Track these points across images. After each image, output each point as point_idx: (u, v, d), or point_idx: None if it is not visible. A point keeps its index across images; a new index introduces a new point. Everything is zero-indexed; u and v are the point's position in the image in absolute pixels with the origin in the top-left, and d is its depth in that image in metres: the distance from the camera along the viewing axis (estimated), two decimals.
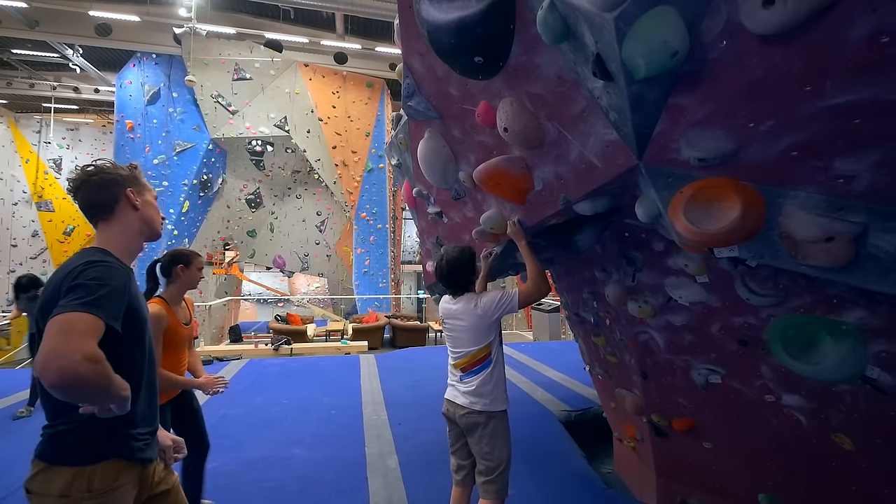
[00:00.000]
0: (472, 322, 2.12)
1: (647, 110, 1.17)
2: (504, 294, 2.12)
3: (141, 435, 1.21)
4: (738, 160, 1.17)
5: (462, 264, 2.13)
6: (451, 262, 2.13)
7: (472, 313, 2.10)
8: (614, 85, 1.15)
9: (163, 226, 1.34)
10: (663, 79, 1.09)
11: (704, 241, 1.30)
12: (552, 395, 4.76)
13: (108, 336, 1.05)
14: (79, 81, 15.21)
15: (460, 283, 2.16)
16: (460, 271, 2.14)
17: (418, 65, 2.02)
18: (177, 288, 2.18)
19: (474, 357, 2.15)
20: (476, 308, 2.10)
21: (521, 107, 1.59)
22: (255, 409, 4.25)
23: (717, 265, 2.01)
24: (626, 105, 1.16)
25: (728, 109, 1.09)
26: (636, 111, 1.17)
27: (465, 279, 2.16)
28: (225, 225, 16.12)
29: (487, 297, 2.11)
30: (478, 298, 2.12)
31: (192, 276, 2.21)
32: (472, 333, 2.13)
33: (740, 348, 2.22)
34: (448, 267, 2.14)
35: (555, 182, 1.71)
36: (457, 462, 2.25)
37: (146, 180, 1.34)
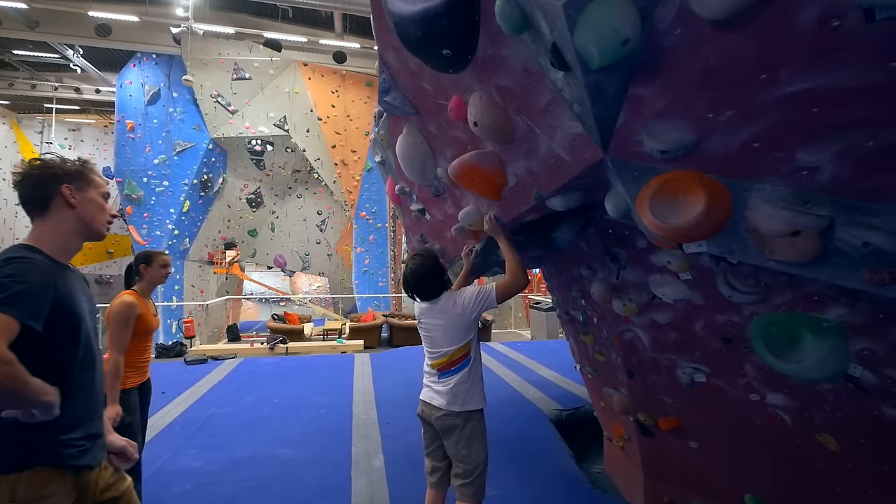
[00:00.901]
0: (450, 321, 2.07)
1: (607, 101, 1.14)
2: (481, 289, 2.08)
3: (75, 440, 1.14)
4: (701, 152, 1.13)
5: (428, 272, 2.07)
6: (416, 273, 2.07)
7: (451, 312, 2.06)
8: (573, 75, 1.12)
9: (109, 225, 1.29)
10: (620, 68, 1.06)
11: (671, 235, 1.27)
12: (544, 393, 4.73)
13: (27, 336, 1.00)
14: (80, 82, 15.29)
15: (432, 289, 2.10)
16: (428, 279, 2.08)
17: (393, 59, 1.99)
18: (146, 283, 2.37)
19: (452, 357, 2.11)
20: (455, 307, 2.05)
21: (491, 100, 1.56)
22: (244, 408, 4.24)
23: (699, 262, 1.98)
24: (585, 96, 1.13)
25: (687, 99, 1.06)
26: (596, 102, 1.14)
27: (436, 284, 2.10)
28: (226, 224, 16.18)
29: (465, 295, 2.06)
30: (456, 296, 2.07)
31: (156, 272, 2.39)
32: (451, 333, 2.09)
33: (724, 346, 2.19)
34: (414, 278, 2.08)
35: (527, 177, 1.68)
36: (431, 464, 2.20)
37: (98, 177, 1.28)
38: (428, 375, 2.22)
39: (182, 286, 14.59)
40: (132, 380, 2.27)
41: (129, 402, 2.18)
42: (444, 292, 2.11)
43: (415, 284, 2.09)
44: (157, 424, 3.74)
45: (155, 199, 13.72)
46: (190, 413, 4.07)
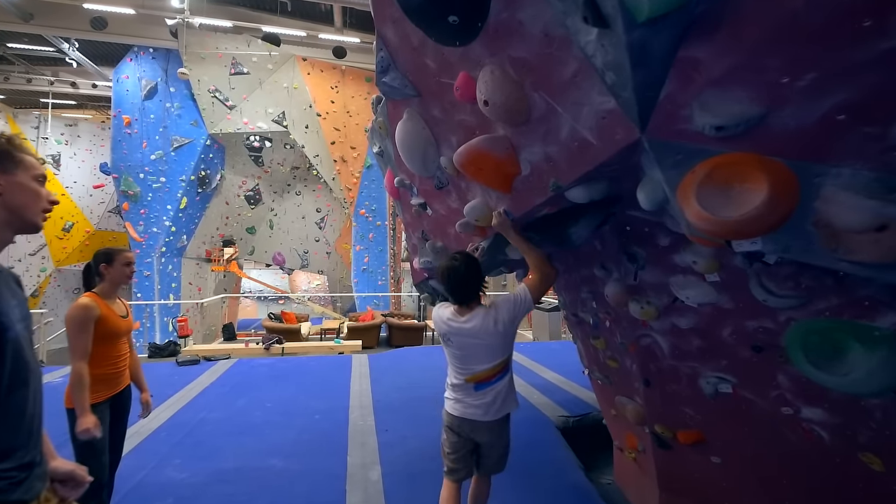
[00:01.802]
0: (492, 340, 1.99)
1: (652, 66, 0.94)
2: (516, 298, 1.99)
3: (4, 472, 0.96)
4: (767, 128, 0.92)
5: (467, 271, 1.97)
6: (455, 270, 1.96)
7: (492, 331, 1.96)
8: (611, 33, 0.92)
9: (47, 214, 1.08)
10: (675, 20, 0.85)
11: (721, 231, 1.07)
12: (549, 398, 4.53)
13: None
14: (76, 76, 15.06)
15: (468, 292, 2.01)
16: (466, 280, 1.98)
17: (392, 34, 1.78)
18: (108, 284, 2.17)
19: (492, 371, 2.04)
20: (496, 325, 1.96)
21: (504, 75, 1.36)
22: (235, 412, 4.04)
23: (729, 262, 1.79)
24: (625, 60, 0.93)
25: (757, 60, 0.85)
26: (639, 67, 0.93)
27: (473, 287, 2.01)
28: (224, 222, 15.97)
29: (503, 309, 1.97)
30: (494, 313, 1.97)
31: (118, 272, 2.18)
32: (492, 350, 2.02)
33: (754, 355, 2.00)
34: (452, 276, 1.97)
35: (544, 165, 1.47)
36: (454, 466, 2.15)
37: (28, 156, 1.05)
38: (457, 390, 2.10)
39: (179, 284, 14.40)
40: (99, 393, 2.05)
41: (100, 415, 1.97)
42: (479, 307, 2.02)
43: (452, 282, 1.98)
44: (142, 430, 3.54)
45: (152, 195, 13.51)
46: (178, 418, 3.87)
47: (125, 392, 2.23)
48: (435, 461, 3.21)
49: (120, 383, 2.19)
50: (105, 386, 2.09)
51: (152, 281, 13.74)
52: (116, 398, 2.16)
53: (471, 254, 2.06)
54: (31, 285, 16.99)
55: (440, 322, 2.09)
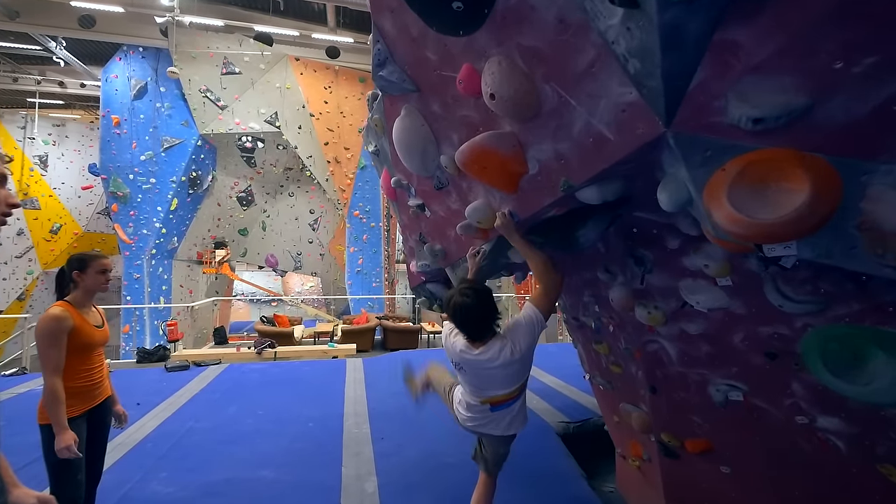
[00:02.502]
0: (510, 370, 1.91)
1: (685, 51, 0.84)
2: (530, 322, 1.89)
3: None
4: (812, 121, 0.83)
5: (479, 308, 1.85)
6: (466, 307, 1.85)
7: (510, 361, 1.87)
8: (640, 14, 0.82)
9: (5, 217, 0.96)
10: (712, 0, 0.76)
11: (755, 234, 0.97)
12: (549, 403, 4.43)
13: None
14: (64, 76, 14.79)
15: (481, 329, 1.89)
16: (478, 317, 1.87)
17: (390, 25, 1.68)
18: (81, 292, 2.04)
19: (510, 395, 1.99)
20: (513, 355, 1.86)
21: (512, 66, 1.26)
22: (225, 421, 3.89)
23: (742, 265, 1.71)
24: (655, 44, 0.83)
25: (806, 43, 0.76)
26: (670, 52, 0.84)
27: (486, 324, 1.89)
28: (216, 223, 15.77)
29: (520, 338, 1.87)
30: (511, 344, 1.86)
31: (92, 279, 2.04)
32: (510, 378, 1.95)
33: (767, 362, 1.92)
34: (462, 313, 1.86)
35: (554, 163, 1.37)
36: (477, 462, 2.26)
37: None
38: (472, 409, 2.05)
39: (170, 287, 14.17)
40: (74, 408, 1.91)
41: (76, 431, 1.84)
42: (493, 337, 1.91)
43: (462, 319, 1.88)
44: (127, 441, 3.39)
45: (142, 196, 13.29)
46: (165, 427, 3.72)
47: (103, 405, 2.10)
48: (433, 472, 3.11)
49: (96, 396, 2.05)
50: (80, 400, 1.96)
51: (142, 284, 13.50)
52: (93, 412, 2.03)
53: (482, 287, 1.93)
54: (18, 288, 16.64)
55: (452, 351, 1.99)
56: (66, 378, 1.87)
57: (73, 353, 1.89)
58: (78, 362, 1.93)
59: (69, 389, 1.87)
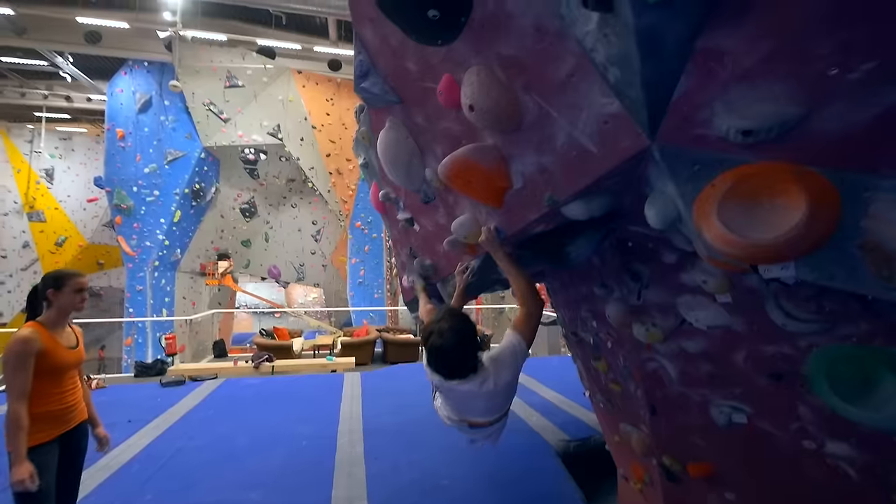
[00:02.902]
0: (492, 401, 1.80)
1: (666, 58, 0.77)
2: (514, 351, 1.72)
3: None
4: (807, 132, 0.76)
5: (462, 352, 1.63)
6: (442, 349, 1.61)
7: (493, 392, 1.73)
8: (615, 19, 0.75)
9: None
10: (694, 1, 0.69)
11: (748, 255, 0.90)
12: (549, 420, 4.31)
13: None
14: (71, 90, 15.00)
15: (460, 368, 1.65)
16: (456, 356, 1.64)
17: (371, 35, 1.63)
18: (54, 312, 1.96)
19: (491, 421, 1.92)
20: (496, 387, 1.71)
21: (491, 76, 1.20)
22: (217, 439, 3.80)
23: (741, 282, 1.62)
24: (633, 50, 0.76)
25: (798, 48, 0.69)
26: (649, 60, 0.77)
27: (465, 362, 1.65)
28: (219, 235, 15.81)
29: (503, 370, 1.69)
30: (492, 375, 1.67)
31: (67, 298, 1.96)
32: (491, 408, 1.84)
33: (772, 383, 1.82)
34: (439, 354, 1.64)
35: (538, 177, 1.31)
36: None
37: None
38: (451, 420, 1.97)
39: (173, 298, 14.17)
40: (45, 432, 1.83)
41: (36, 461, 1.75)
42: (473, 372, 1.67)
43: (437, 364, 1.65)
44: (112, 463, 3.30)
45: (145, 209, 13.36)
46: (155, 447, 3.63)
47: (79, 429, 2.02)
48: (427, 496, 3.00)
49: (70, 420, 1.97)
50: (51, 424, 1.87)
51: (145, 296, 13.51)
52: (67, 436, 1.95)
53: (461, 324, 1.66)
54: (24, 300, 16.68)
55: (430, 375, 1.80)
56: (37, 402, 1.79)
57: (43, 376, 1.82)
58: (49, 385, 1.85)
59: (40, 414, 1.79)
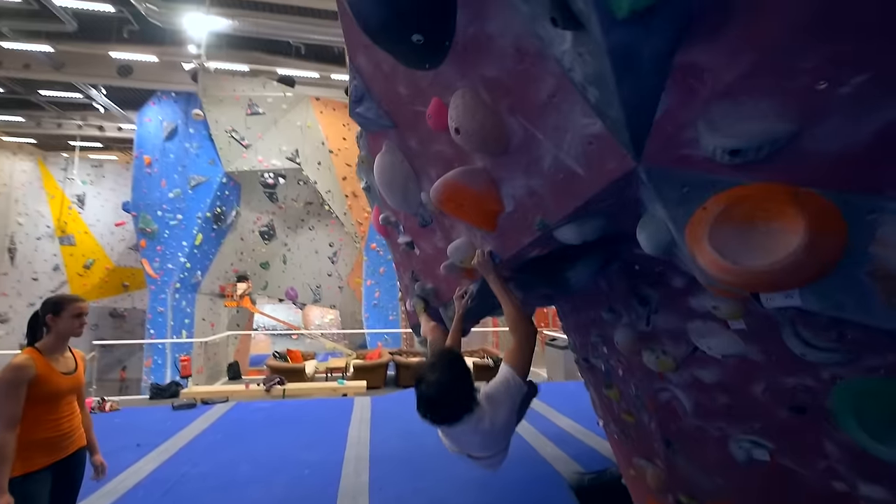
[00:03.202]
0: (488, 438, 1.67)
1: (642, 76, 0.73)
2: (509, 387, 1.61)
3: None
4: (799, 150, 0.70)
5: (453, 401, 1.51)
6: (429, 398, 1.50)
7: (488, 431, 1.61)
8: (586, 37, 0.72)
9: None
10: (667, 14, 0.66)
11: (745, 282, 0.83)
12: (563, 450, 4.12)
13: None
14: (103, 120, 15.77)
15: (457, 413, 1.52)
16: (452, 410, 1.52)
17: (364, 62, 1.64)
18: (53, 337, 1.96)
19: (488, 456, 1.80)
20: (492, 426, 1.60)
21: (476, 99, 1.17)
22: (221, 466, 3.75)
23: (756, 307, 1.52)
24: (607, 69, 0.73)
25: (782, 61, 0.64)
26: (625, 78, 0.73)
27: (462, 406, 1.52)
28: (238, 257, 16.12)
29: (496, 405, 1.58)
30: (488, 415, 1.56)
31: (66, 323, 1.96)
32: (489, 444, 1.72)
33: (794, 417, 1.69)
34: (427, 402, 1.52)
35: (527, 200, 1.26)
36: None
37: None
38: (451, 448, 1.87)
39: (193, 320, 14.39)
40: (37, 460, 1.81)
41: (27, 489, 1.73)
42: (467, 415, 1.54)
43: (426, 412, 1.52)
44: (119, 488, 3.28)
45: (169, 232, 13.75)
46: (160, 472, 3.61)
47: (74, 457, 1.99)
48: None
49: (65, 448, 1.94)
50: (44, 452, 1.85)
51: (165, 317, 13.76)
52: (62, 465, 1.92)
53: (451, 367, 1.55)
54: None
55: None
56: (30, 429, 1.78)
57: (37, 403, 1.80)
58: (43, 412, 1.83)
59: (33, 441, 1.78)
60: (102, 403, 5.52)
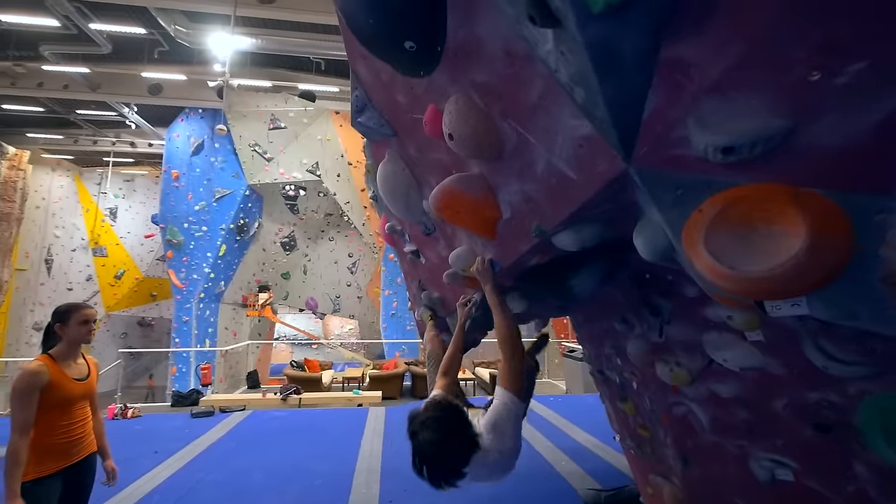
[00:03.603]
0: (496, 467, 1.52)
1: (625, 73, 0.70)
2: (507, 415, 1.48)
3: None
4: (797, 147, 0.65)
5: (450, 457, 1.38)
6: (431, 461, 1.38)
7: (496, 461, 1.49)
8: (565, 34, 0.70)
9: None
10: (646, 7, 0.63)
11: (745, 289, 0.77)
12: (579, 465, 3.99)
13: None
14: (135, 137, 16.49)
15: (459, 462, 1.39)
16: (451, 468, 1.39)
17: (364, 71, 1.65)
18: (65, 345, 1.99)
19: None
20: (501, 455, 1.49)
21: (469, 104, 1.16)
22: (234, 474, 3.77)
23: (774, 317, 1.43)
24: (588, 67, 0.70)
25: (771, 51, 0.60)
26: (607, 76, 0.70)
27: (461, 466, 1.39)
28: (260, 268, 16.45)
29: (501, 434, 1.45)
30: (497, 445, 1.45)
31: (74, 331, 1.99)
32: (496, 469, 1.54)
33: (819, 435, 1.59)
34: (427, 466, 1.38)
35: (524, 206, 1.23)
36: None
37: None
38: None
39: (216, 329, 14.72)
40: (50, 465, 1.84)
41: (37, 494, 1.76)
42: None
43: (420, 470, 1.39)
44: (135, 494, 3.34)
45: (194, 243, 14.17)
46: (175, 479, 3.65)
47: (85, 462, 2.02)
48: None
49: (76, 453, 1.97)
50: (55, 457, 1.88)
51: (190, 326, 14.13)
52: (72, 470, 1.95)
53: (447, 425, 1.41)
54: None
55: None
56: (43, 434, 1.82)
57: (49, 409, 1.84)
58: (55, 417, 1.87)
59: (45, 446, 1.82)
60: (125, 410, 5.66)
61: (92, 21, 9.35)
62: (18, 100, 13.52)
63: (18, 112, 14.42)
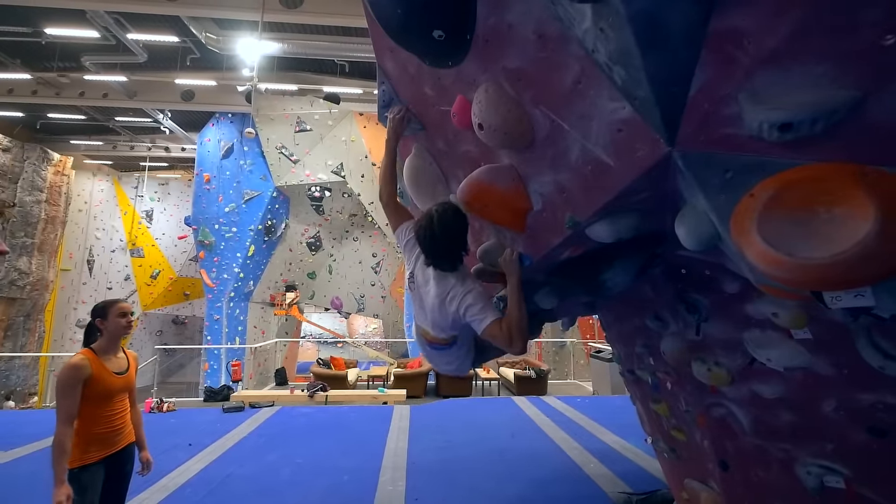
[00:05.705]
0: (435, 313, 1.67)
1: (672, 48, 0.66)
2: (475, 299, 1.53)
3: None
4: (866, 122, 0.60)
5: (449, 245, 1.54)
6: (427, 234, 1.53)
7: (441, 298, 1.60)
8: (608, 8, 0.66)
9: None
10: None
11: (802, 279, 0.72)
12: (609, 468, 3.89)
13: None
14: (169, 142, 17.13)
15: (444, 261, 1.59)
16: (448, 252, 1.57)
17: (391, 65, 1.65)
18: (105, 339, 2.07)
19: (436, 338, 1.83)
20: (451, 298, 1.57)
21: (499, 92, 1.13)
22: (263, 469, 3.85)
23: (824, 314, 1.36)
24: (631, 42, 0.66)
25: (836, 17, 0.55)
26: (651, 52, 0.66)
27: (451, 260, 1.58)
28: (287, 267, 16.81)
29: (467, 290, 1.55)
30: (458, 287, 1.56)
31: (113, 324, 2.07)
32: (436, 321, 1.71)
33: (874, 440, 1.49)
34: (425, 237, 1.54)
35: (557, 197, 1.19)
36: None
37: None
38: (418, 339, 1.97)
39: (245, 327, 15.14)
40: (94, 454, 1.93)
41: (82, 480, 1.85)
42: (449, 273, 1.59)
43: (423, 241, 1.56)
44: (170, 485, 3.44)
45: (224, 244, 14.61)
46: (207, 472, 3.75)
47: (125, 451, 2.10)
48: None
49: (117, 442, 2.06)
50: (98, 446, 1.97)
51: (221, 325, 14.57)
52: (113, 458, 2.03)
53: (455, 220, 1.54)
54: None
55: (410, 254, 1.79)
56: (87, 424, 1.90)
57: (92, 401, 1.93)
58: (98, 409, 1.95)
59: (88, 435, 1.90)
60: (161, 404, 5.88)
61: (129, 31, 9.75)
62: (62, 109, 14.27)
63: (62, 120, 15.21)
